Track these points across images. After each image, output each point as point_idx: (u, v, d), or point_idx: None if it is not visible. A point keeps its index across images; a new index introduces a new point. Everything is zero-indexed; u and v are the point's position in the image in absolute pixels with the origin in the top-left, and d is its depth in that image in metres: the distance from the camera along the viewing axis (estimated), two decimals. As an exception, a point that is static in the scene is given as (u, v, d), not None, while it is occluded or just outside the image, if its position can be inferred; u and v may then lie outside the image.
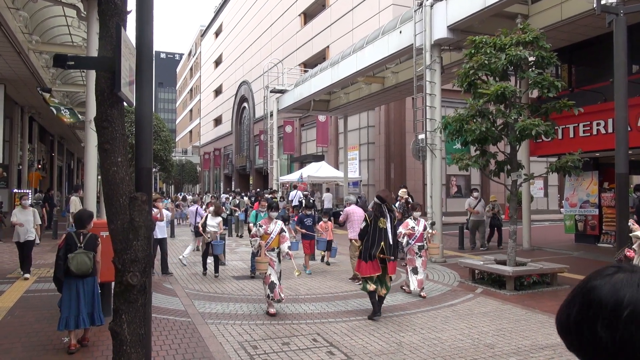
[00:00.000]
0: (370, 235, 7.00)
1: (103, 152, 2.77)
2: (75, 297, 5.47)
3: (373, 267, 6.95)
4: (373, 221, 7.02)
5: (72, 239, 5.61)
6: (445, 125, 9.87)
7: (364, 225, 7.12)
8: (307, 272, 10.56)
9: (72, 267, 5.41)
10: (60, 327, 5.45)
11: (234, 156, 47.66)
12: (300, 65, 33.25)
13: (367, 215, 7.22)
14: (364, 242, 7.03)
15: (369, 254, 6.95)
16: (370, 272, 6.94)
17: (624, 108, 7.26)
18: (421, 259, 8.39)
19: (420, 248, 8.42)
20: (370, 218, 7.05)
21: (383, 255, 6.94)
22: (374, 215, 7.06)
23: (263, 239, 7.32)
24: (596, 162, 14.24)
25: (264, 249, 7.28)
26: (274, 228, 7.43)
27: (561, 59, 12.18)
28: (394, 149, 25.80)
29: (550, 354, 5.51)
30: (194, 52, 74.47)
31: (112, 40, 2.79)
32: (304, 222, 11.27)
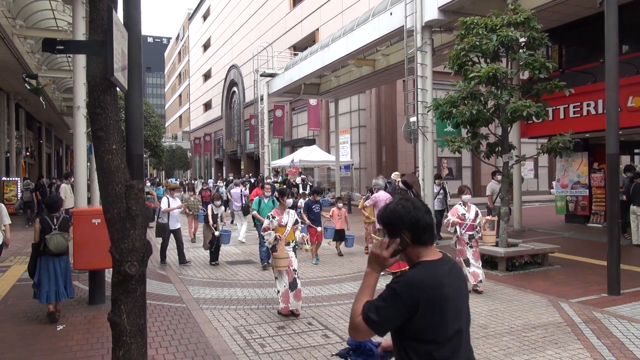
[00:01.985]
0: None
1: (97, 139, 2.71)
2: (53, 274, 6.10)
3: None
4: None
5: (46, 222, 6.20)
6: (436, 107, 9.86)
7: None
8: (314, 262, 9.94)
9: (50, 247, 6.03)
10: (42, 300, 6.12)
11: (225, 141, 47.40)
12: (290, 48, 32.95)
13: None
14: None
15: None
16: (399, 267, 6.41)
17: (615, 88, 7.26)
18: (472, 249, 7.46)
19: (470, 238, 7.50)
20: None
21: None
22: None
23: (278, 232, 6.45)
24: (586, 143, 14.33)
25: (282, 241, 6.38)
26: (288, 219, 6.61)
27: (552, 40, 12.16)
28: (385, 132, 25.78)
29: (542, 332, 5.59)
30: (182, 36, 73.48)
31: (103, 23, 2.71)
32: (312, 209, 10.44)
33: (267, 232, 6.48)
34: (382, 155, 25.89)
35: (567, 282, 8.10)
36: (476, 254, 7.46)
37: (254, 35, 39.34)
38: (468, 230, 7.47)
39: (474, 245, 7.48)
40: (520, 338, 5.45)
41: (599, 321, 5.95)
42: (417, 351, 1.95)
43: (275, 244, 6.37)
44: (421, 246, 2.02)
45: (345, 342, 5.36)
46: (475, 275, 7.31)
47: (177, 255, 10.20)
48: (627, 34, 11.70)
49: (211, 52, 54.04)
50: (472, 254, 7.41)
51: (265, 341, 5.44)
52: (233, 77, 44.42)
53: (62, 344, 5.39)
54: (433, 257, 2.02)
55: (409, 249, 2.02)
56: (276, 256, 6.34)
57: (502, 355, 4.95)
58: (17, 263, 9.78)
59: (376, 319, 1.91)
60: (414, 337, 1.95)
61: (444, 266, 2.01)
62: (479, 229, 7.66)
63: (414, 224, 1.99)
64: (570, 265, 9.40)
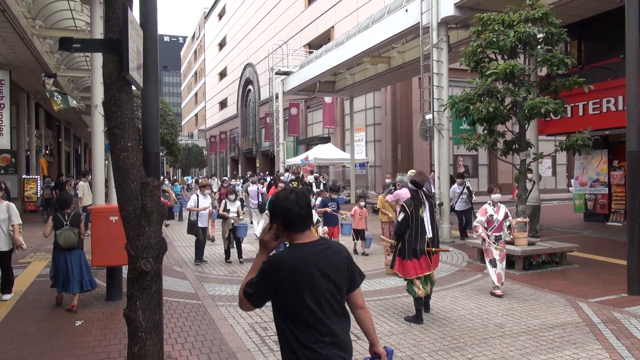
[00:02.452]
0: (412, 228, 6.00)
1: (113, 137, 2.74)
2: (64, 267, 6.44)
3: (420, 265, 5.97)
4: (414, 211, 6.03)
5: (59, 219, 6.59)
6: (452, 104, 9.78)
7: (403, 217, 6.07)
8: None
9: (60, 241, 6.42)
10: (52, 286, 6.72)
11: (240, 139, 47.62)
12: (305, 46, 32.96)
13: (405, 204, 6.13)
14: (407, 238, 6.02)
15: (413, 251, 5.96)
16: (417, 272, 5.96)
17: (636, 84, 7.12)
18: (498, 250, 7.14)
19: (497, 239, 7.17)
20: (410, 208, 6.03)
21: (434, 248, 6.11)
22: (414, 203, 6.07)
23: None
24: (606, 140, 14.08)
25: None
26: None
27: (571, 35, 11.96)
28: (400, 129, 25.65)
29: (560, 332, 5.52)
30: (198, 34, 73.96)
31: (118, 22, 2.73)
32: (328, 207, 10.37)
33: None
34: (397, 153, 25.77)
35: (586, 281, 7.98)
36: (502, 255, 7.15)
37: (269, 33, 39.42)
38: (496, 231, 7.17)
39: (501, 247, 7.17)
40: (538, 338, 5.38)
41: (619, 321, 5.85)
42: (285, 321, 2.26)
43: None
44: (292, 232, 2.32)
45: (358, 337, 5.36)
46: (499, 277, 7.06)
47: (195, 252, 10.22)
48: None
49: (227, 51, 54.30)
50: (499, 255, 7.10)
51: (280, 338, 5.45)
52: (248, 76, 44.58)
53: (81, 339, 5.47)
54: (305, 240, 2.32)
55: (285, 234, 2.33)
56: None
57: (518, 355, 4.89)
58: (37, 259, 9.95)
59: (250, 292, 2.28)
60: (282, 308, 2.27)
61: (313, 248, 2.31)
62: (507, 231, 7.33)
63: (284, 214, 2.29)
64: (589, 264, 9.26)
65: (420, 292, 5.95)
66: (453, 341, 5.31)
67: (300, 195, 2.34)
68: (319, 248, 2.31)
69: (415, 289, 5.96)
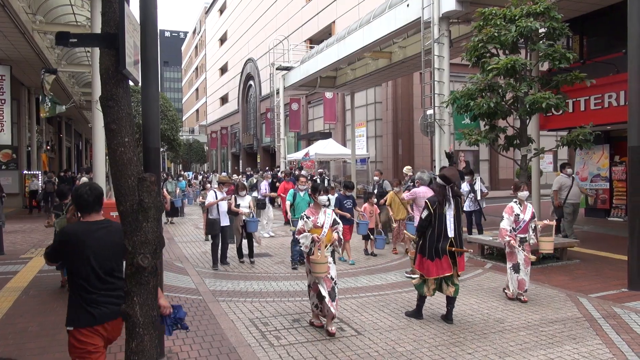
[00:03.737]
0: (436, 227, 5.70)
1: (109, 132, 2.73)
2: None
3: (442, 265, 5.66)
4: (438, 209, 5.71)
5: (59, 208, 7.26)
6: (453, 100, 9.75)
7: (426, 215, 5.75)
8: (350, 262, 9.30)
9: (57, 229, 6.79)
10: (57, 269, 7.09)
11: (241, 134, 47.62)
12: (306, 41, 32.89)
13: (429, 202, 5.77)
14: (429, 236, 5.73)
15: (435, 250, 5.68)
16: (439, 273, 5.66)
17: (638, 79, 7.08)
18: (523, 252, 6.64)
19: (522, 241, 6.67)
20: (434, 206, 5.71)
21: (455, 248, 5.70)
22: (438, 201, 5.73)
23: (313, 234, 5.61)
24: (607, 136, 14.05)
25: (322, 244, 5.51)
26: (325, 219, 5.74)
27: (572, 30, 11.91)
28: (401, 125, 25.62)
29: (560, 327, 5.52)
30: (199, 30, 73.83)
31: (115, 16, 2.72)
32: (344, 205, 9.81)
33: (302, 234, 5.62)
34: (398, 149, 25.74)
35: (586, 276, 7.98)
36: (527, 259, 6.62)
37: (270, 28, 39.34)
38: (521, 232, 6.66)
39: (526, 249, 6.67)
40: (538, 333, 5.38)
41: (619, 316, 5.84)
42: (71, 279, 3.10)
43: (312, 247, 5.53)
44: (83, 213, 3.17)
45: (359, 332, 5.37)
46: (522, 284, 6.58)
47: (221, 253, 9.37)
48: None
49: (227, 46, 54.23)
50: (524, 259, 6.60)
51: (280, 333, 5.46)
52: (249, 71, 44.53)
53: (81, 334, 5.47)
54: (90, 219, 3.15)
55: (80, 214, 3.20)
56: (314, 260, 5.43)
57: (518, 350, 4.89)
58: (38, 255, 9.97)
59: (47, 251, 3.17)
60: (69, 270, 3.10)
61: (92, 226, 3.12)
62: (532, 233, 6.75)
63: (75, 199, 3.17)
64: (589, 259, 9.25)
65: (428, 293, 5.76)
66: (453, 336, 5.31)
67: (92, 188, 3.17)
68: (95, 227, 3.11)
69: (425, 288, 5.76)
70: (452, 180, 5.74)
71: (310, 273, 5.55)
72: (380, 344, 5.13)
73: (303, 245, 5.61)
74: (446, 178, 5.73)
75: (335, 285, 5.56)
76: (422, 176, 8.68)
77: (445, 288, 5.72)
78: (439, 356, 4.78)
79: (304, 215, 5.73)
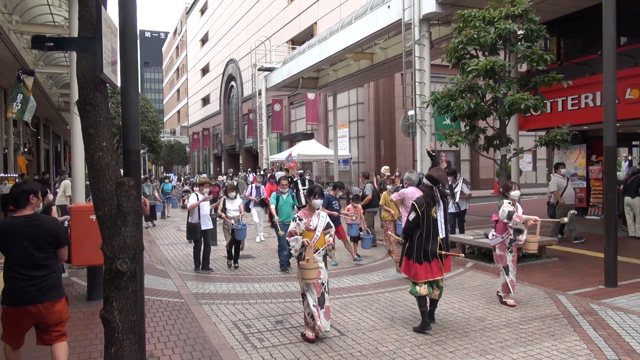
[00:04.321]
0: (424, 229, 5.50)
1: (87, 136, 2.70)
2: None
3: (432, 269, 5.50)
4: (426, 211, 5.51)
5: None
6: (434, 100, 9.84)
7: (414, 217, 5.54)
8: (333, 263, 9.19)
9: None
10: None
11: (223, 136, 47.36)
12: (288, 42, 32.87)
13: (416, 203, 5.56)
14: (417, 239, 5.53)
15: (423, 253, 5.49)
16: (428, 276, 5.49)
17: (613, 81, 7.24)
18: (512, 255, 6.50)
19: (511, 241, 6.51)
20: (422, 208, 5.50)
21: (445, 252, 5.56)
22: (426, 202, 5.54)
23: (305, 237, 5.35)
24: (584, 135, 14.32)
25: (311, 249, 5.25)
26: (318, 222, 5.46)
27: (550, 32, 12.11)
28: (383, 125, 25.76)
29: (539, 325, 5.61)
30: (180, 30, 73.21)
31: (92, 20, 2.69)
32: (332, 205, 9.54)
33: (293, 237, 5.38)
34: (380, 149, 25.87)
35: (565, 274, 8.13)
36: (514, 259, 6.54)
37: (252, 29, 39.22)
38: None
39: (514, 251, 6.53)
40: (518, 330, 5.46)
41: (596, 313, 5.96)
42: (5, 265, 3.69)
43: (302, 251, 5.28)
44: (15, 207, 3.74)
45: (342, 333, 5.39)
46: (513, 285, 6.47)
47: (202, 259, 9.08)
48: (625, 26, 11.67)
49: (209, 47, 53.89)
50: (512, 261, 6.49)
51: (263, 335, 5.45)
52: (231, 72, 44.32)
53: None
54: (17, 214, 3.74)
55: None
56: (304, 266, 5.20)
57: (499, 348, 4.96)
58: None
59: None
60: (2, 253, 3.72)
61: (16, 220, 3.71)
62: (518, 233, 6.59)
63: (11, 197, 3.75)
64: (568, 257, 9.42)
65: (422, 290, 5.50)
66: (435, 335, 5.37)
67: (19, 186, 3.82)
68: (23, 221, 3.69)
69: (417, 288, 5.53)
70: (439, 180, 5.59)
71: (301, 279, 5.34)
72: (363, 344, 5.16)
73: (292, 248, 5.38)
74: (433, 179, 5.58)
75: (326, 292, 5.39)
76: (410, 177, 8.48)
77: (431, 291, 5.57)
78: (421, 355, 4.82)
79: (297, 217, 5.48)
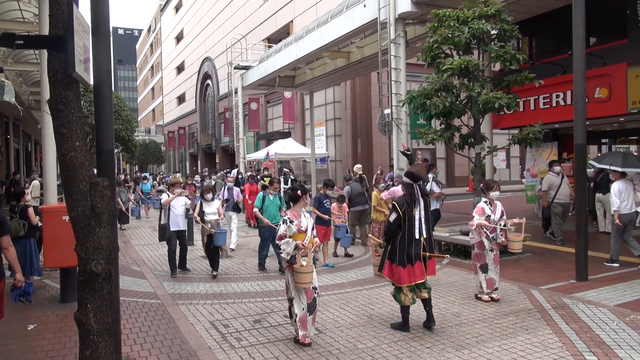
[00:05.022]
0: (406, 230, 5.31)
1: (59, 136, 2.64)
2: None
3: (414, 272, 5.32)
4: (407, 211, 5.33)
5: (12, 210, 7.58)
6: (410, 99, 9.93)
7: (394, 218, 5.35)
8: (329, 265, 8.93)
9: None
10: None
11: (199, 134, 46.91)
12: (264, 40, 32.71)
13: (397, 203, 5.37)
14: (399, 240, 5.35)
15: (407, 255, 5.30)
16: (411, 280, 5.31)
17: (583, 80, 7.43)
18: (493, 253, 6.48)
19: (491, 241, 6.51)
20: (403, 208, 5.32)
21: (430, 254, 5.43)
22: (407, 202, 5.35)
23: (296, 239, 5.09)
24: (555, 134, 14.63)
25: (307, 250, 5.04)
26: (308, 223, 5.25)
27: (522, 32, 12.35)
28: (360, 124, 25.87)
29: (513, 319, 5.72)
30: (154, 27, 72.13)
31: (63, 17, 2.63)
32: (323, 204, 9.30)
33: (284, 240, 5.07)
34: (357, 148, 25.98)
35: (538, 269, 8.31)
36: (496, 258, 6.52)
37: (228, 27, 38.90)
38: (491, 232, 6.47)
39: (495, 249, 6.51)
40: (492, 325, 5.57)
41: (568, 306, 6.12)
42: None
43: (295, 254, 5.01)
44: None
45: (320, 331, 5.40)
46: (491, 283, 6.44)
47: (179, 259, 8.79)
48: (594, 27, 11.96)
49: (184, 44, 53.25)
50: (493, 259, 6.47)
51: (241, 335, 5.43)
52: (207, 70, 43.90)
53: (34, 343, 5.29)
54: None
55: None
56: (299, 270, 4.91)
57: (474, 342, 5.05)
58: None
59: None
60: None
61: None
62: (501, 231, 6.53)
63: None
64: (541, 253, 9.63)
65: (407, 300, 5.34)
66: (412, 331, 5.43)
67: None
68: None
69: (402, 296, 5.36)
70: (419, 176, 5.35)
71: (292, 284, 5.04)
72: (341, 341, 5.19)
73: (284, 252, 5.05)
74: (413, 175, 5.34)
75: (317, 297, 5.17)
76: (401, 174, 8.23)
77: (418, 293, 5.42)
78: (399, 351, 4.87)
79: (287, 219, 5.15)
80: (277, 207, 8.89)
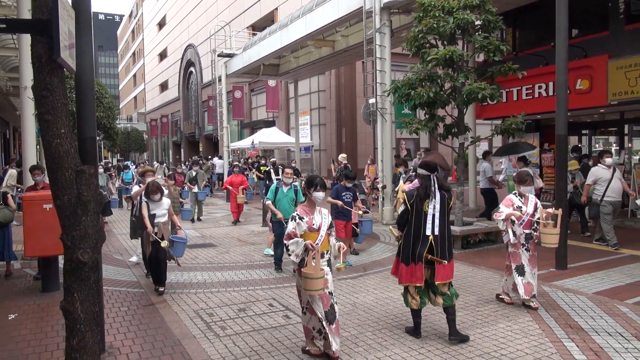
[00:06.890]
0: (413, 226, 4.83)
1: (44, 123, 2.59)
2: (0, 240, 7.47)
3: (414, 273, 4.82)
4: (415, 204, 4.81)
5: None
6: (394, 89, 9.95)
7: (402, 210, 4.95)
8: (348, 263, 7.89)
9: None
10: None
11: (183, 123, 46.41)
12: (248, 28, 32.35)
13: (406, 195, 4.91)
14: (404, 235, 4.92)
15: (411, 254, 4.84)
16: (410, 281, 4.85)
17: (565, 71, 7.53)
18: (528, 253, 5.80)
19: (527, 238, 5.81)
20: (411, 200, 4.82)
21: (432, 256, 4.78)
22: (417, 194, 4.82)
23: (307, 239, 4.40)
24: (538, 124, 14.81)
25: (317, 253, 4.30)
26: (322, 221, 4.55)
27: (506, 23, 12.42)
28: (345, 113, 25.84)
29: (494, 307, 5.83)
30: (136, 13, 70.82)
31: (48, 1, 2.58)
32: (342, 198, 8.29)
33: (292, 240, 4.39)
34: (342, 137, 25.98)
35: (519, 258, 8.43)
36: (532, 259, 5.82)
37: (211, 13, 38.38)
38: (525, 227, 5.80)
39: (531, 248, 5.83)
40: (474, 313, 5.66)
41: (547, 294, 6.25)
42: None
43: (304, 256, 4.35)
44: None
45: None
46: (529, 288, 5.71)
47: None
48: (576, 19, 12.08)
49: (167, 31, 52.40)
50: (528, 260, 5.78)
51: (226, 324, 5.44)
52: (190, 57, 43.33)
53: (15, 333, 5.23)
54: None
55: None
56: (308, 275, 4.21)
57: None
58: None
59: None
60: None
61: None
62: (536, 226, 5.87)
63: None
64: (521, 242, 9.76)
65: (413, 303, 4.88)
66: (395, 319, 5.50)
67: None
68: None
69: (409, 298, 4.93)
70: (435, 166, 4.78)
71: (302, 289, 4.43)
72: (325, 329, 5.22)
73: (293, 254, 4.39)
74: (428, 165, 4.79)
75: (335, 304, 4.49)
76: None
77: (432, 298, 4.92)
78: (382, 339, 4.93)
79: (296, 216, 4.50)
80: (291, 200, 7.94)
